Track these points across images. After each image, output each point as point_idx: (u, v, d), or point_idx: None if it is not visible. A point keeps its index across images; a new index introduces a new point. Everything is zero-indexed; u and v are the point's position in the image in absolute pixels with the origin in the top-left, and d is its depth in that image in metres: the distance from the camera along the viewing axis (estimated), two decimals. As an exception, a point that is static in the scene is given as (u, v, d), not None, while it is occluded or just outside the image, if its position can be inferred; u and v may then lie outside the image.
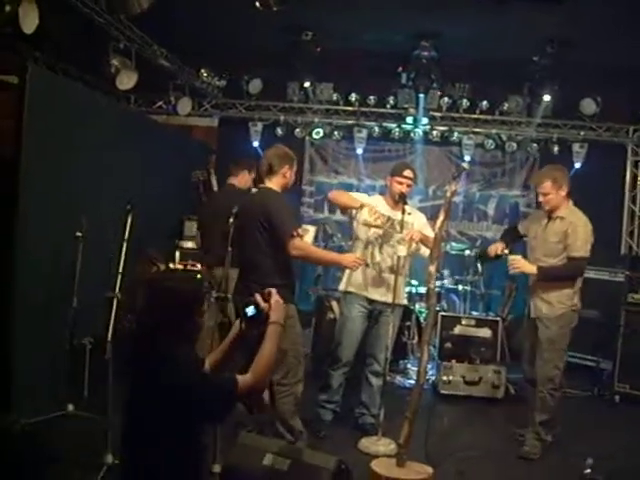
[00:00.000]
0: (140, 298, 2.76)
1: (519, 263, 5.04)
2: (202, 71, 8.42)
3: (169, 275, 4.41)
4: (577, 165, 8.74)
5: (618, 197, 9.06)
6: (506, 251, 5.25)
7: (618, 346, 6.69)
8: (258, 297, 2.88)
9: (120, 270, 4.96)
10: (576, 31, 6.77)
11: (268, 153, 4.71)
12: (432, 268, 4.47)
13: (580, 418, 5.94)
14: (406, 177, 5.22)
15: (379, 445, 4.97)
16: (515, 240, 5.51)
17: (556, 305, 5.02)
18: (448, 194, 4.56)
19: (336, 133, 9.08)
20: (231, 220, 4.63)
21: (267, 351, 2.76)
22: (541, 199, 5.12)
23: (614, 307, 6.84)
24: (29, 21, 5.14)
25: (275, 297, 2.88)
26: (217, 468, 4.06)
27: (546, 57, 7.50)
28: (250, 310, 2.86)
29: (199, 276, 6.82)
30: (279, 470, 3.42)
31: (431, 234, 5.12)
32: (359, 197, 5.40)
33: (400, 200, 5.14)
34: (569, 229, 4.95)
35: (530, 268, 5.03)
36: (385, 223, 5.24)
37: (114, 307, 4.61)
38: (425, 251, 5.13)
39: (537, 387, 5.04)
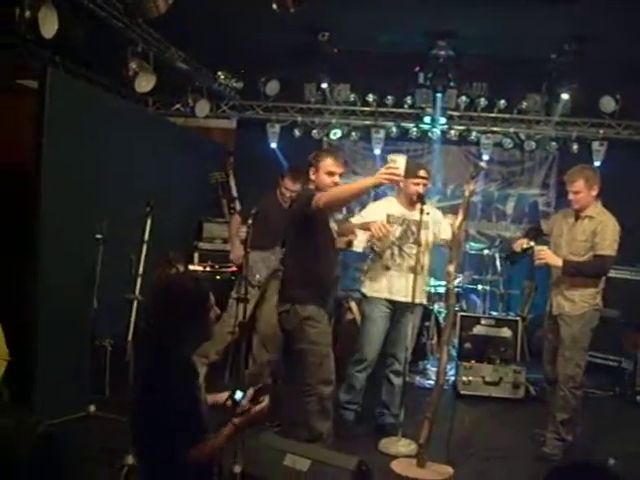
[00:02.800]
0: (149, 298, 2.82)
1: (546, 254, 5.00)
2: (219, 73, 8.45)
3: (176, 275, 4.42)
4: (597, 163, 8.66)
5: (638, 195, 9.00)
6: (532, 243, 5.20)
7: (640, 345, 6.67)
8: (251, 392, 2.89)
9: (140, 272, 5.01)
10: (594, 28, 6.73)
11: None
12: (451, 267, 4.46)
13: (601, 418, 5.90)
14: (422, 177, 5.22)
15: (399, 446, 4.97)
16: (538, 238, 5.46)
17: (579, 303, 4.99)
18: (467, 193, 4.55)
19: (354, 134, 9.07)
20: (249, 221, 4.66)
21: (214, 442, 2.73)
22: (571, 197, 5.06)
23: (636, 306, 6.80)
24: (48, 26, 5.20)
25: (263, 404, 2.85)
26: (238, 468, 4.07)
27: (564, 55, 7.46)
28: (238, 396, 2.90)
29: (218, 277, 6.89)
30: (300, 471, 3.44)
31: (447, 231, 5.17)
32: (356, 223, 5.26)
33: (418, 200, 5.14)
34: (598, 228, 4.94)
35: (556, 260, 4.98)
36: (402, 224, 5.25)
37: (134, 308, 4.65)
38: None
39: (558, 386, 5.00)
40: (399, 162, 4.03)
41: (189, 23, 6.64)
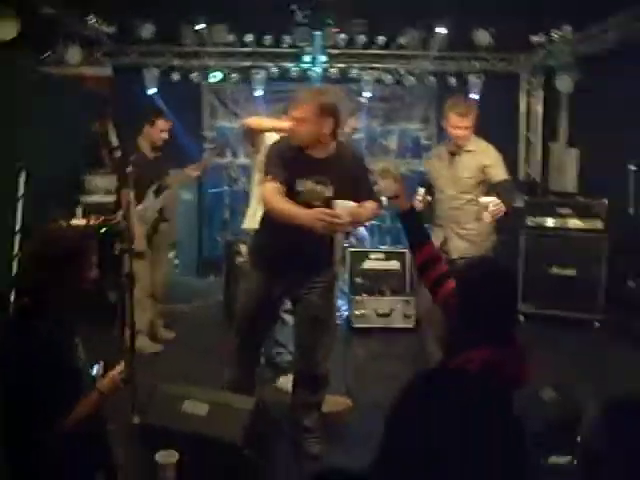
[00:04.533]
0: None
1: (500, 207, 4.31)
2: (89, 17, 8.05)
3: (49, 230, 4.22)
4: (474, 96, 8.87)
5: (514, 126, 9.34)
6: (429, 198, 4.89)
7: (519, 268, 6.98)
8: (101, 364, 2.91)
9: (17, 229, 4.82)
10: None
11: None
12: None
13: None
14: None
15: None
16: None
17: (479, 244, 4.92)
18: (347, 130, 4.58)
19: (233, 76, 8.91)
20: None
21: (78, 409, 2.70)
22: (459, 132, 4.83)
23: (515, 232, 7.09)
24: None
25: (113, 373, 2.85)
26: (136, 419, 4.04)
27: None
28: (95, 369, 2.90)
29: (103, 230, 6.69)
30: (198, 415, 3.45)
31: None
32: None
33: None
34: (486, 160, 4.86)
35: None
36: None
37: (14, 266, 4.48)
38: None
39: None
40: (343, 212, 3.55)
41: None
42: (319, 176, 3.73)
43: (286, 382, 5.08)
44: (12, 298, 4.68)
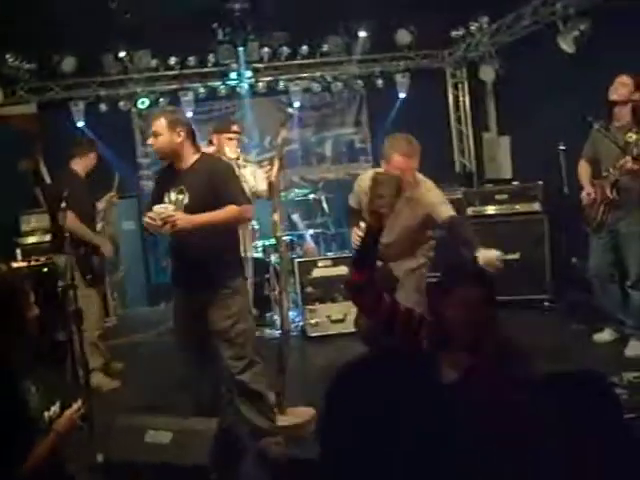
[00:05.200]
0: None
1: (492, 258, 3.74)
2: (7, 56, 7.91)
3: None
4: (402, 95, 9.01)
5: (444, 120, 9.50)
6: None
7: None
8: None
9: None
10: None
11: None
12: (276, 217, 4.51)
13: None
14: (236, 132, 5.24)
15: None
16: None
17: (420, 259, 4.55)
18: (279, 141, 4.60)
19: (162, 100, 8.86)
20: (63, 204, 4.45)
21: (37, 452, 2.64)
22: (406, 168, 4.00)
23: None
24: None
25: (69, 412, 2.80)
26: (100, 457, 3.96)
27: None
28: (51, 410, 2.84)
29: (46, 270, 6.56)
30: (162, 444, 3.42)
31: (262, 182, 5.21)
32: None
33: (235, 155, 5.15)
34: (428, 206, 4.21)
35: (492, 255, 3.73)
36: None
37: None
38: None
39: None
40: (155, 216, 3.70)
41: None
42: (180, 186, 3.93)
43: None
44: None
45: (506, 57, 8.11)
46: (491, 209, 7.28)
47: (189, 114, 8.75)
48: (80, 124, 8.68)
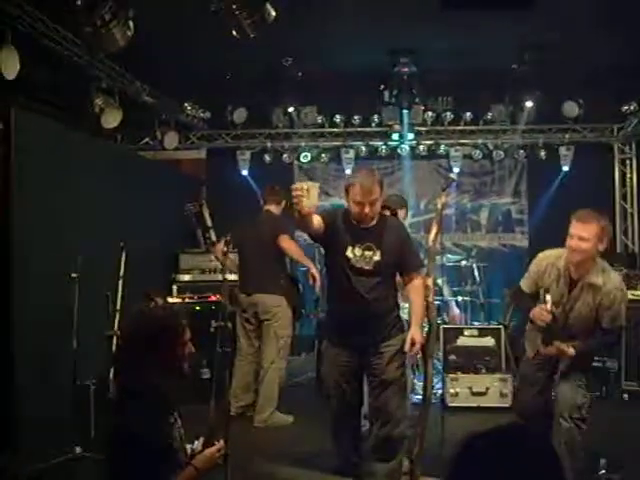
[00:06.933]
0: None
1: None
2: (186, 104, 8.46)
3: (148, 308, 4.31)
4: (565, 168, 8.78)
5: (609, 196, 9.12)
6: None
7: (622, 344, 6.68)
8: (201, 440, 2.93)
9: (117, 307, 4.96)
10: (552, 34, 6.81)
11: None
12: (429, 281, 4.46)
13: (590, 419, 5.89)
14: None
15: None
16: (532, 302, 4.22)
17: None
18: (439, 206, 4.56)
19: (323, 155, 9.12)
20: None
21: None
22: (573, 243, 3.89)
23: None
24: (10, 66, 5.19)
25: (218, 445, 2.88)
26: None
27: (524, 64, 7.56)
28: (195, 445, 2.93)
29: (198, 308, 6.83)
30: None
31: None
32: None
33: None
34: (606, 301, 3.96)
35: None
36: None
37: (114, 345, 4.59)
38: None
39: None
40: (310, 190, 3.75)
41: (152, 55, 6.64)
42: (367, 242, 4.19)
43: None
44: (110, 377, 4.81)
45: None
46: (654, 293, 6.86)
47: (348, 171, 8.95)
48: (244, 172, 9.08)
